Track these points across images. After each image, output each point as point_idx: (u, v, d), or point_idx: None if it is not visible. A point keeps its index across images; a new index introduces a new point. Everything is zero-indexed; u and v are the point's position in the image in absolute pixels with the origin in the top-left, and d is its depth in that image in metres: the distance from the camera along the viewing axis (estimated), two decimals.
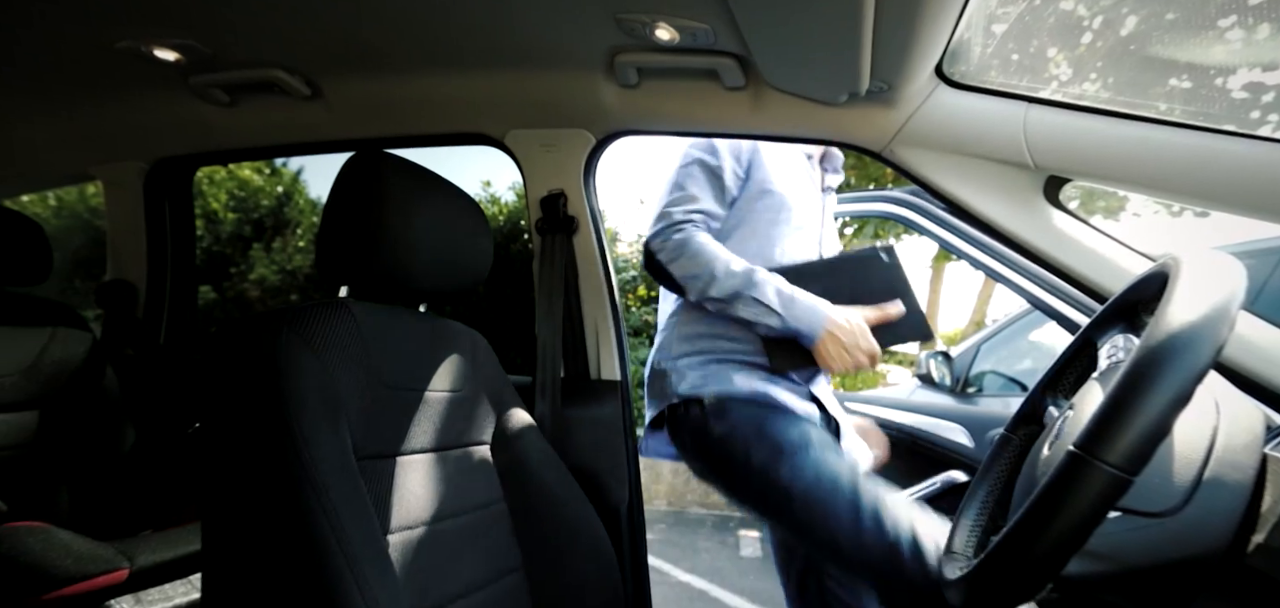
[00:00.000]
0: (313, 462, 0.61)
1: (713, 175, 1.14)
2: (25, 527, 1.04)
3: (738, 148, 1.16)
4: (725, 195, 1.15)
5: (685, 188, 1.13)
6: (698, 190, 1.13)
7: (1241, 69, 1.76)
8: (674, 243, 1.11)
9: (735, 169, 1.15)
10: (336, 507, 0.60)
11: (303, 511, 0.59)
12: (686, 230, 1.10)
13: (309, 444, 0.61)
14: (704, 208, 1.13)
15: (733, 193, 1.16)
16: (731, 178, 1.14)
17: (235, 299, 6.65)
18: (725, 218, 1.17)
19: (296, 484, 0.59)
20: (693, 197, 1.13)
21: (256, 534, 0.61)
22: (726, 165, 1.14)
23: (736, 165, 1.15)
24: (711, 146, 1.15)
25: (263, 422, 0.62)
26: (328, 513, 0.59)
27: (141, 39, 0.98)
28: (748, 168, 1.16)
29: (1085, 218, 0.91)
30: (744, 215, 1.17)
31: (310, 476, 0.60)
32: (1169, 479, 0.46)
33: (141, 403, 1.44)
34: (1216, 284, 0.43)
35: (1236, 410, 0.49)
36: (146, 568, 1.13)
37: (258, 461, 0.61)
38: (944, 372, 2.60)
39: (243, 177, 6.85)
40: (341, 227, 0.73)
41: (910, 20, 0.74)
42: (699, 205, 1.12)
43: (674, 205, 1.12)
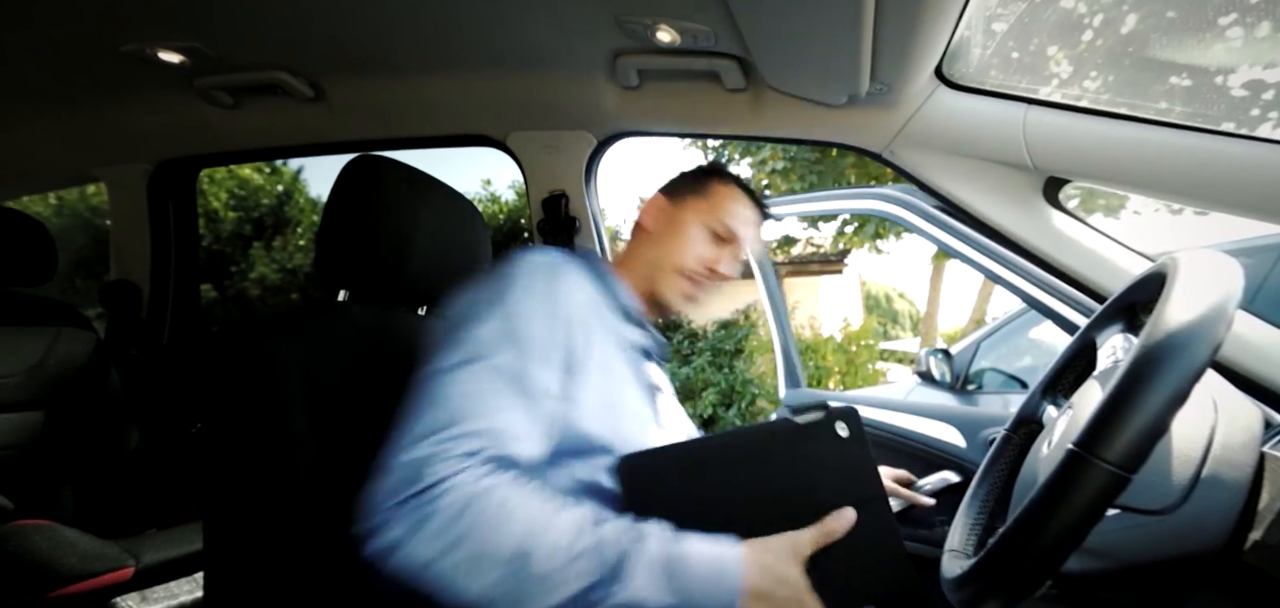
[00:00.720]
0: (315, 462, 0.61)
1: (518, 376, 0.58)
2: (31, 525, 1.05)
3: (570, 313, 0.65)
4: (542, 404, 0.59)
5: (466, 404, 0.55)
6: (492, 403, 0.56)
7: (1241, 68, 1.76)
8: (437, 515, 0.50)
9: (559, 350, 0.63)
10: (338, 507, 0.61)
11: (304, 511, 0.59)
12: (459, 484, 0.51)
13: (309, 445, 0.62)
14: (500, 426, 0.55)
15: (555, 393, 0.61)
16: (552, 373, 0.61)
17: (236, 298, 6.66)
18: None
19: (298, 485, 0.60)
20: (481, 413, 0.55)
21: (258, 534, 0.62)
22: (549, 349, 0.62)
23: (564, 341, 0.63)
24: (523, 329, 0.60)
25: (263, 423, 0.63)
26: (329, 514, 0.60)
27: (146, 41, 0.99)
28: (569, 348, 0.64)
29: (1084, 218, 0.92)
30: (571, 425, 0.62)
31: (312, 476, 0.61)
32: (1167, 477, 0.47)
33: (145, 402, 1.44)
34: (1214, 283, 0.44)
35: (1234, 409, 0.50)
36: (151, 566, 1.13)
37: (258, 461, 0.62)
38: (944, 369, 2.61)
39: (243, 176, 6.86)
40: (340, 231, 0.74)
41: (910, 22, 0.74)
42: (490, 424, 0.55)
43: (435, 441, 0.53)
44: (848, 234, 7.31)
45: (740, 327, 7.19)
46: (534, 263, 0.66)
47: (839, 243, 7.59)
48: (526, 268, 0.65)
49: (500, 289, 0.63)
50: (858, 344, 6.45)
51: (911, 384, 2.98)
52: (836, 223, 7.32)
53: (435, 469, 0.50)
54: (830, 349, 6.41)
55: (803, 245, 8.33)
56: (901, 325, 15.75)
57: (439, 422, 0.53)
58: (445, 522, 0.49)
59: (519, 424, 0.56)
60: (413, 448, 0.52)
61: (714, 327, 7.31)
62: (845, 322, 6.70)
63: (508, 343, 0.59)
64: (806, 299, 8.14)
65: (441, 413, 0.54)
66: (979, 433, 1.15)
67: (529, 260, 0.66)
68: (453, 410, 0.54)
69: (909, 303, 17.28)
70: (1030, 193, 0.93)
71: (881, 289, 16.71)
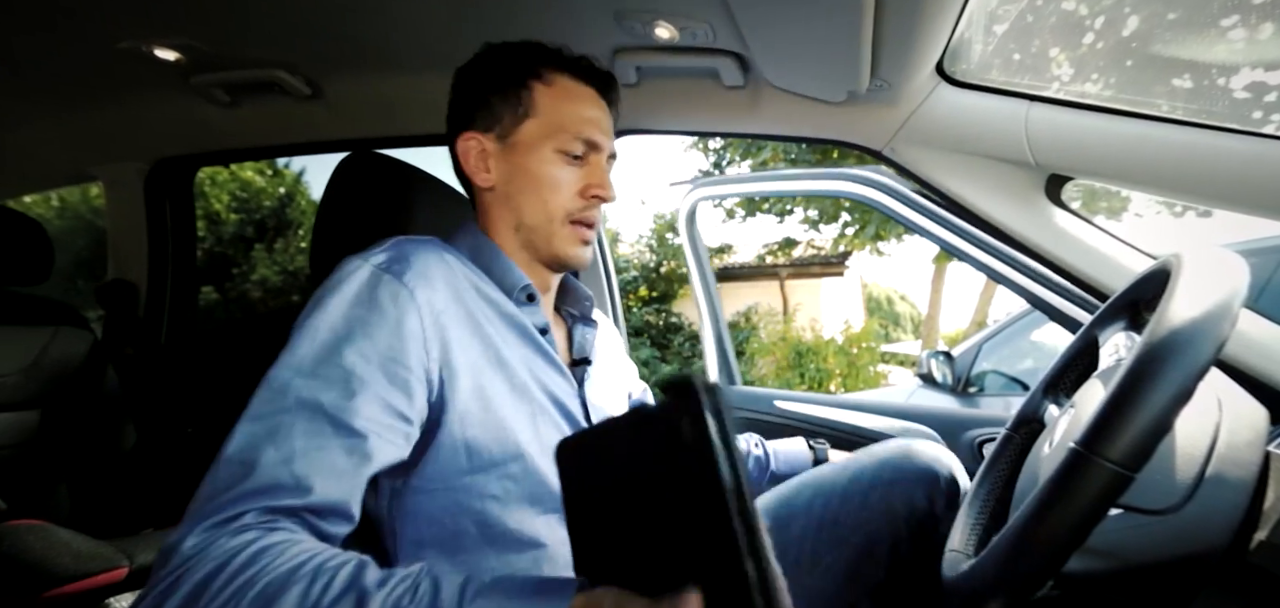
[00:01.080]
0: None
1: (320, 411, 0.48)
2: (25, 525, 1.04)
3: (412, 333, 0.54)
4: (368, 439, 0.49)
5: (245, 462, 0.46)
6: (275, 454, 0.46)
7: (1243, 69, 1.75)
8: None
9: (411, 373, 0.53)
10: None
11: None
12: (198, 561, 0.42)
13: None
14: (280, 478, 0.46)
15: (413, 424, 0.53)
16: (383, 399, 0.51)
17: (237, 299, 6.67)
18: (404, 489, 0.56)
19: None
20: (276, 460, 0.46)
21: None
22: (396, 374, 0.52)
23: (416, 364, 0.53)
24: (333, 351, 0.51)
25: None
26: None
27: (142, 39, 0.99)
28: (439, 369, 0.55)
29: (1087, 216, 0.91)
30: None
31: None
32: (1171, 477, 0.46)
33: (142, 402, 1.44)
34: (1219, 281, 0.43)
35: (1239, 407, 0.49)
36: (146, 567, 1.13)
37: None
38: (945, 371, 2.60)
39: (245, 178, 6.88)
40: (335, 228, 0.73)
41: (911, 18, 0.74)
42: (267, 479, 0.45)
43: (196, 515, 0.44)
44: (849, 236, 7.31)
45: (741, 329, 7.19)
46: (354, 273, 0.54)
47: (840, 245, 7.58)
48: (347, 277, 0.54)
49: (315, 309, 0.52)
50: (859, 346, 6.44)
51: (913, 387, 2.97)
52: (838, 225, 7.31)
53: (180, 551, 0.41)
54: (831, 351, 6.40)
55: (804, 248, 8.33)
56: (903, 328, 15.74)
57: (208, 489, 0.45)
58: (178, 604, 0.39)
59: (314, 470, 0.45)
60: (182, 524, 0.43)
61: None
62: (846, 324, 6.69)
63: (316, 368, 0.49)
64: (808, 301, 8.14)
65: (219, 474, 0.45)
66: (963, 434, 1.09)
67: (350, 269, 0.55)
68: (233, 469, 0.45)
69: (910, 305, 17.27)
70: (1032, 190, 0.92)
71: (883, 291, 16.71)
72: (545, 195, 0.65)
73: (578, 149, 0.65)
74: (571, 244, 0.66)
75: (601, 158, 0.67)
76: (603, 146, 0.67)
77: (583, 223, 0.66)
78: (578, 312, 0.76)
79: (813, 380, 6.27)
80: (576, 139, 0.65)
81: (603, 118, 0.68)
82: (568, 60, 0.67)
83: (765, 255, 8.54)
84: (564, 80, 0.66)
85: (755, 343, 6.84)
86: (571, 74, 0.67)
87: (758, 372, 6.68)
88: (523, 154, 0.65)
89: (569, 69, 0.67)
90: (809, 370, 6.30)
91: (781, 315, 7.60)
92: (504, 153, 0.66)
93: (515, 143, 0.65)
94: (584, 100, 0.67)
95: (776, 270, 8.30)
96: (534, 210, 0.65)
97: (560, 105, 0.65)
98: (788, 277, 8.28)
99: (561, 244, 0.66)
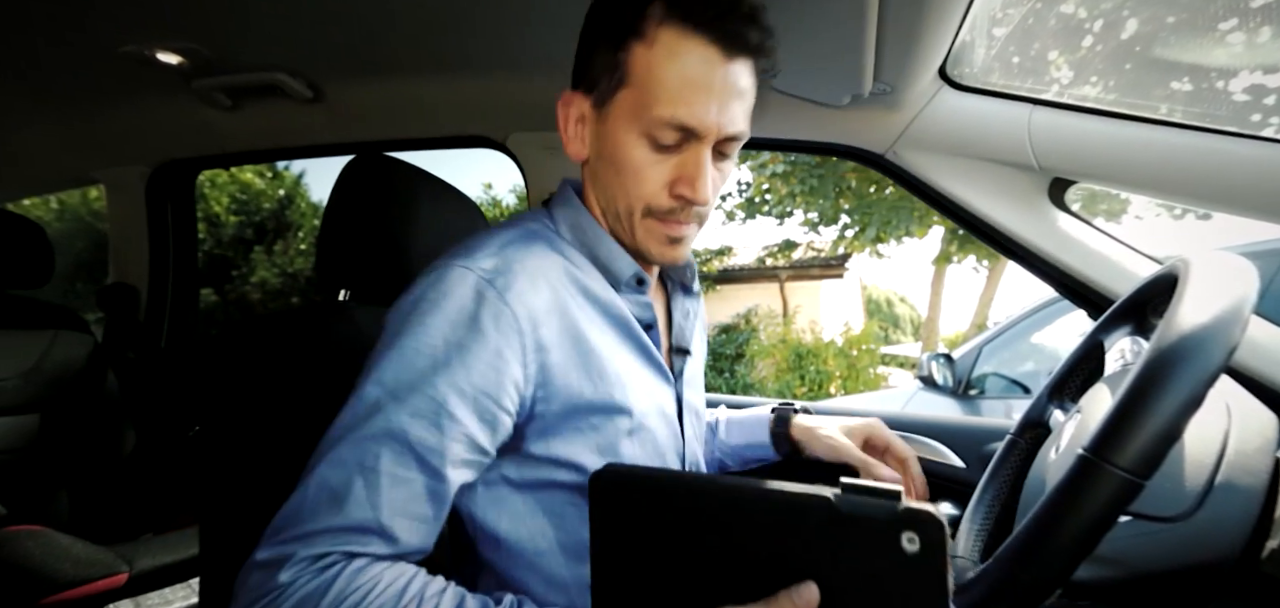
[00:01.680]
0: None
1: (405, 443, 0.47)
2: (25, 531, 1.04)
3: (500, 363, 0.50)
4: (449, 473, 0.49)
5: (326, 492, 0.46)
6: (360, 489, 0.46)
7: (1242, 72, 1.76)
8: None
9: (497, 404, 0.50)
10: None
11: None
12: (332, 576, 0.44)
13: (308, 449, 0.61)
14: (362, 520, 0.46)
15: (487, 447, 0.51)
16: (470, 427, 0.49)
17: (237, 302, 6.67)
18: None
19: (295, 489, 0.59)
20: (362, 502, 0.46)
21: (255, 539, 0.61)
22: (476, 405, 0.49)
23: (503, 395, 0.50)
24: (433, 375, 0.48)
25: (261, 426, 0.62)
26: None
27: (145, 43, 0.99)
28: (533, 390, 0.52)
29: (1089, 220, 0.91)
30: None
31: None
32: (1180, 484, 0.46)
33: (142, 406, 1.43)
34: (1228, 285, 0.43)
35: (1248, 414, 0.48)
36: (146, 572, 1.12)
37: (259, 465, 0.61)
38: (946, 374, 2.60)
39: (245, 180, 6.88)
40: (341, 230, 0.73)
41: (914, 21, 0.74)
42: (352, 519, 0.45)
43: (282, 541, 0.45)
44: (848, 238, 7.31)
45: (741, 331, 7.19)
46: (459, 284, 0.50)
47: (839, 247, 7.58)
48: (452, 290, 0.49)
49: (414, 323, 0.49)
50: (858, 348, 6.44)
51: (913, 389, 2.97)
52: (838, 227, 7.32)
53: (278, 581, 0.43)
54: (831, 353, 6.40)
55: (804, 250, 8.33)
56: (902, 330, 15.74)
57: (299, 509, 0.45)
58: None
59: (398, 516, 0.46)
60: (268, 545, 0.45)
61: (715, 331, 7.31)
62: (846, 326, 6.69)
63: (409, 398, 0.47)
64: (807, 303, 8.14)
65: (309, 495, 0.46)
66: (981, 449, 1.08)
67: (454, 280, 0.50)
68: (323, 497, 0.45)
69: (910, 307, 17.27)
70: (1035, 194, 0.92)
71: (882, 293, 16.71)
72: (626, 183, 0.55)
73: (669, 138, 0.52)
74: (653, 242, 0.57)
75: (703, 148, 0.53)
76: (706, 132, 0.52)
77: (663, 221, 0.56)
78: (680, 280, 0.67)
79: (813, 383, 6.27)
80: (667, 126, 0.52)
81: (719, 86, 0.51)
82: (691, 7, 0.50)
83: (765, 257, 8.55)
84: (670, 35, 0.51)
85: (755, 345, 6.84)
86: (684, 21, 0.50)
87: (758, 374, 6.68)
88: (611, 128, 0.55)
89: (682, 14, 0.50)
90: (809, 373, 6.30)
91: (781, 318, 7.60)
92: (598, 123, 0.56)
93: (607, 113, 0.55)
94: (696, 64, 0.51)
95: (776, 272, 8.31)
96: (614, 196, 0.56)
97: (658, 74, 0.51)
98: (787, 279, 8.29)
99: (643, 239, 0.57)
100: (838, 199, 6.94)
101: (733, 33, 0.51)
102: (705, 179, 0.53)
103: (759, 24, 0.53)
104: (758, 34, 0.52)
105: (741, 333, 7.14)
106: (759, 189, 7.49)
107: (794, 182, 6.91)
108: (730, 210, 7.96)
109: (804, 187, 6.84)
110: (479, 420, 0.49)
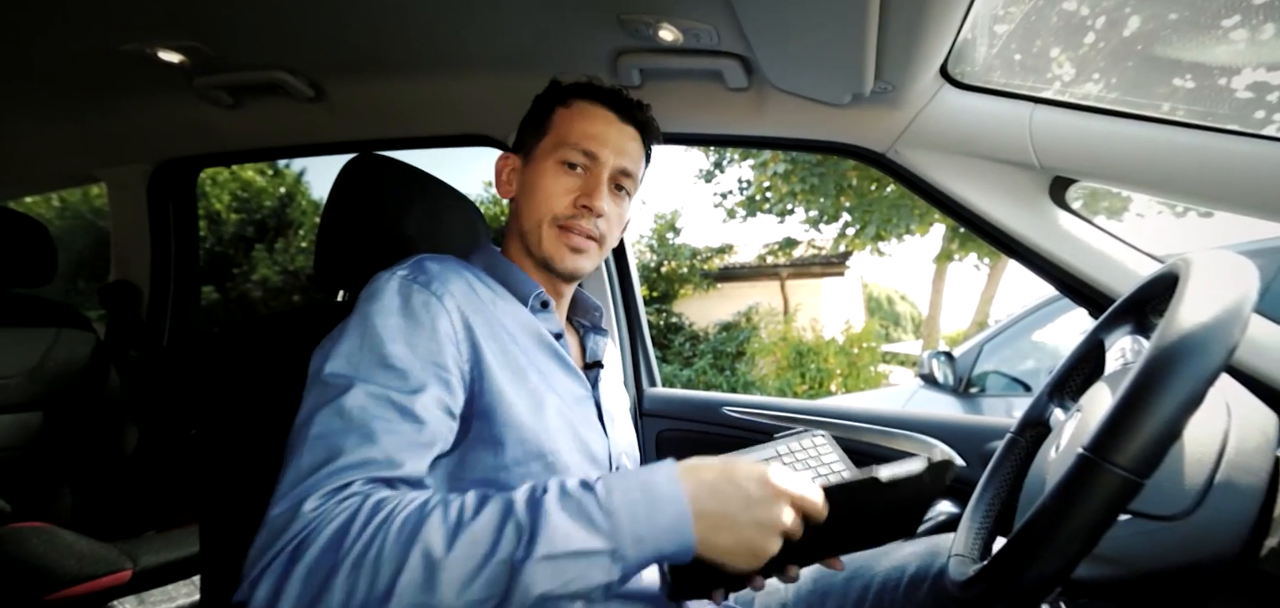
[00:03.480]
0: None
1: (390, 401, 0.53)
2: (29, 527, 1.04)
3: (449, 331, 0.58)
4: (426, 428, 0.54)
5: (334, 441, 0.51)
6: (363, 433, 0.51)
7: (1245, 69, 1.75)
8: (306, 556, 0.45)
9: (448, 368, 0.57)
10: None
11: None
12: (325, 517, 0.47)
13: None
14: (372, 455, 0.50)
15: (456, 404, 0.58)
16: (433, 394, 0.55)
17: (238, 299, 6.67)
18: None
19: None
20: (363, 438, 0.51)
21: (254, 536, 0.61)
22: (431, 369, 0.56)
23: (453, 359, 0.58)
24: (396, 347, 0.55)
25: (261, 424, 0.62)
26: None
27: (146, 41, 0.99)
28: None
29: (1090, 218, 0.91)
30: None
31: None
32: (1180, 483, 0.46)
33: (145, 404, 1.44)
34: (1229, 284, 0.43)
35: (1248, 413, 0.48)
36: (149, 569, 1.13)
37: (258, 463, 0.61)
38: (946, 372, 2.60)
39: (246, 178, 6.87)
40: (339, 230, 0.73)
41: (915, 20, 0.74)
42: (363, 455, 0.50)
43: (305, 486, 0.49)
44: (849, 236, 7.30)
45: (742, 329, 7.19)
46: (387, 285, 0.59)
47: (840, 245, 7.57)
48: (382, 290, 0.58)
49: (358, 320, 0.57)
50: (859, 346, 6.44)
51: (914, 387, 2.97)
52: (839, 225, 7.31)
53: (302, 514, 0.46)
54: (832, 351, 6.40)
55: (804, 247, 8.32)
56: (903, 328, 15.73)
57: (306, 465, 0.49)
58: (315, 559, 0.44)
59: (397, 449, 0.51)
60: (281, 500, 0.48)
61: (716, 329, 7.31)
62: (847, 324, 6.69)
63: (373, 369, 0.53)
64: (808, 301, 8.13)
65: (309, 455, 0.49)
66: (982, 448, 1.08)
67: (383, 283, 0.59)
68: (322, 450, 0.49)
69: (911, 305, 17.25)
70: (1036, 193, 0.92)
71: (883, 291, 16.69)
72: (538, 200, 0.68)
73: (576, 158, 0.68)
74: (557, 247, 0.68)
75: (601, 171, 0.68)
76: (603, 160, 0.68)
77: (564, 228, 0.67)
78: (588, 322, 0.79)
79: (813, 381, 6.27)
80: (576, 149, 0.68)
81: (614, 137, 0.69)
82: (594, 89, 0.71)
83: (766, 255, 8.53)
84: (583, 104, 0.70)
85: (756, 343, 6.84)
86: (593, 99, 0.71)
87: (758, 372, 6.68)
88: (533, 165, 0.70)
89: (592, 95, 0.71)
90: (809, 371, 6.30)
91: (782, 315, 7.59)
92: (524, 168, 0.72)
93: (531, 158, 0.71)
94: (596, 119, 0.69)
95: (777, 270, 8.30)
96: (528, 214, 0.69)
97: (571, 122, 0.69)
98: (788, 277, 8.28)
99: (548, 246, 0.68)
100: (839, 197, 6.94)
101: (624, 108, 0.71)
102: (602, 194, 0.68)
103: (645, 110, 0.73)
104: (644, 116, 0.73)
105: (742, 331, 7.14)
106: (760, 187, 7.48)
107: (795, 180, 6.91)
108: (731, 209, 7.96)
109: (805, 185, 6.83)
110: (437, 381, 0.55)
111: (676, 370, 6.74)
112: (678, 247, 7.81)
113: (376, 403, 0.52)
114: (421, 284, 0.59)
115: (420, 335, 0.56)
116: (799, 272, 8.31)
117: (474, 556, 0.44)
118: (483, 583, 0.43)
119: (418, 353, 0.55)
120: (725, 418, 1.21)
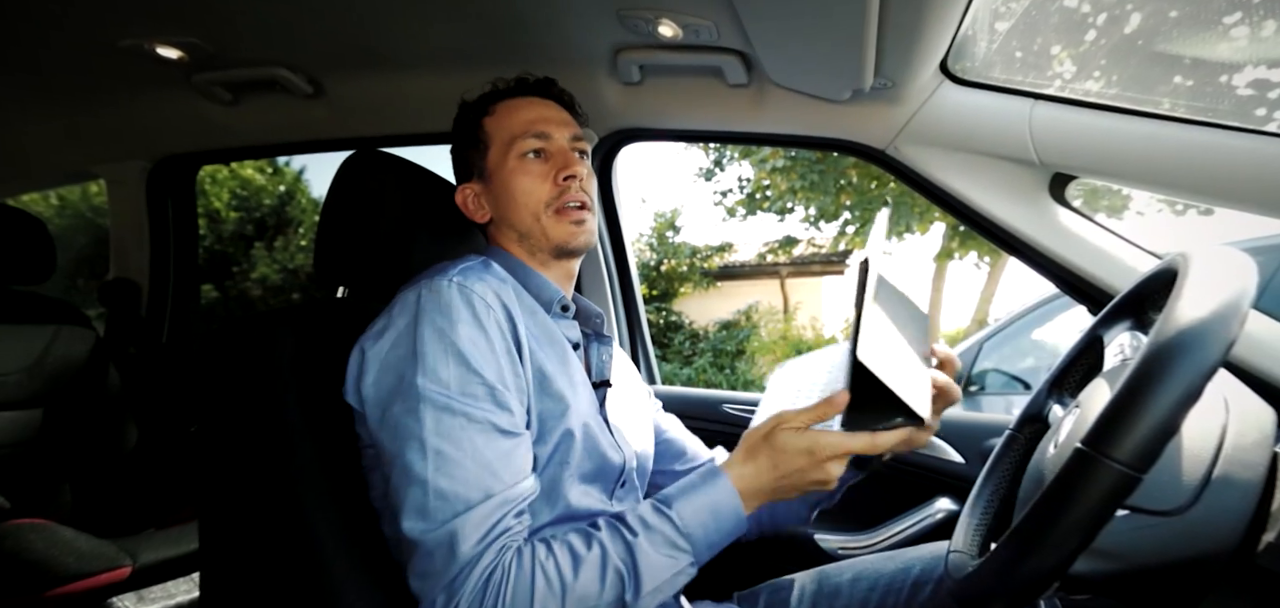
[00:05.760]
0: (311, 460, 0.61)
1: (496, 423, 0.57)
2: (28, 524, 1.04)
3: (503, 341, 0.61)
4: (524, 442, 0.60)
5: (469, 469, 0.55)
6: (491, 459, 0.56)
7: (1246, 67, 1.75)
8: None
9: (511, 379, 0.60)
10: (334, 505, 0.60)
11: (301, 509, 0.59)
12: (498, 565, 0.53)
13: (308, 443, 0.61)
14: (509, 485, 0.56)
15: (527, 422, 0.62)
16: (517, 408, 0.60)
17: (237, 298, 6.67)
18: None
19: (294, 483, 0.59)
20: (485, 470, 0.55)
21: (255, 533, 0.61)
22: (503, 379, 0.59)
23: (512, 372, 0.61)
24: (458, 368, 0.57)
25: (260, 421, 0.62)
26: (325, 511, 0.59)
27: (145, 37, 0.99)
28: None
29: (1090, 215, 0.91)
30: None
31: (308, 474, 0.60)
32: (1178, 477, 0.46)
33: (144, 401, 1.44)
34: (1227, 279, 0.43)
35: (1246, 408, 0.48)
36: (149, 566, 1.13)
37: (257, 459, 0.61)
38: None
39: (245, 176, 6.87)
40: (339, 227, 0.73)
41: (915, 16, 0.74)
42: (505, 489, 0.56)
43: (462, 520, 0.53)
44: (850, 234, 7.30)
45: (741, 327, 7.19)
46: (451, 295, 0.59)
47: (840, 242, 7.57)
48: (451, 303, 0.58)
49: (434, 334, 0.57)
50: None
51: None
52: (839, 223, 7.30)
53: (459, 555, 0.52)
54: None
55: (804, 246, 8.32)
56: None
57: (459, 491, 0.54)
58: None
59: (520, 474, 0.57)
60: (442, 523, 0.53)
61: (715, 327, 7.31)
62: (847, 322, 6.68)
63: (471, 389, 0.56)
64: (808, 300, 8.13)
65: (453, 481, 0.54)
66: (981, 445, 1.08)
67: (444, 292, 0.59)
68: (463, 478, 0.54)
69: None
70: (1036, 189, 0.92)
71: None
72: (521, 198, 0.69)
73: (533, 145, 0.70)
74: (564, 228, 0.69)
75: (560, 142, 0.71)
76: (554, 135, 0.71)
77: (566, 206, 0.69)
78: (590, 330, 0.78)
79: None
80: (526, 137, 0.70)
81: (550, 112, 0.72)
82: (503, 88, 0.74)
83: (766, 254, 8.53)
84: (503, 104, 0.73)
85: (756, 341, 6.84)
86: (511, 95, 0.73)
87: (758, 371, 6.68)
88: (496, 178, 0.71)
89: (505, 93, 0.73)
90: None
91: (782, 314, 7.59)
92: (486, 187, 0.72)
93: (488, 175, 0.72)
94: (524, 107, 0.72)
95: (777, 269, 8.30)
96: (521, 217, 0.70)
97: (505, 122, 0.71)
98: (788, 275, 8.27)
99: (554, 232, 0.69)
100: (839, 195, 6.92)
101: (542, 87, 0.74)
102: (573, 158, 0.70)
103: (556, 84, 0.75)
104: (557, 89, 0.75)
105: (742, 329, 7.14)
106: (759, 185, 7.47)
107: (794, 177, 6.90)
108: (731, 207, 7.95)
109: (804, 182, 6.82)
110: (517, 393, 0.60)
111: (676, 369, 6.73)
112: (677, 245, 7.80)
113: (477, 428, 0.56)
114: (479, 294, 0.60)
115: (496, 349, 0.59)
116: (799, 270, 8.31)
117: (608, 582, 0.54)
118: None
119: (502, 370, 0.59)
120: (725, 416, 1.21)
